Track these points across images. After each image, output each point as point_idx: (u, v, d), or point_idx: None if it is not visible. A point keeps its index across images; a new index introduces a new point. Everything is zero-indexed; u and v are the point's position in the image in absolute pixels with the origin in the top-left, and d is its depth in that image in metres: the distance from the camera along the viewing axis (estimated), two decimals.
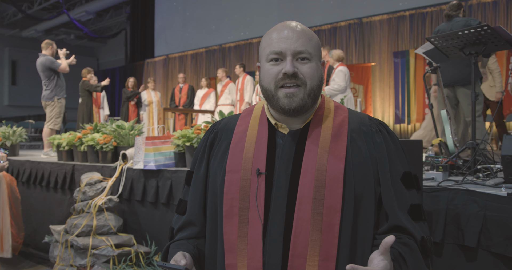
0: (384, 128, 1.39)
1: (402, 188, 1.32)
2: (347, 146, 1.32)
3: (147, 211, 3.83)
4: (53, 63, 6.32)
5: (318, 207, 1.24)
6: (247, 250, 1.27)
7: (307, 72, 1.30)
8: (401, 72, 10.04)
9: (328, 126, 1.35)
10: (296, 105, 1.29)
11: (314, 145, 1.32)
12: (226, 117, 1.55)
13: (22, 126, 6.62)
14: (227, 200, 1.33)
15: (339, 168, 1.27)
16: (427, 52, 3.33)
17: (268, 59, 1.32)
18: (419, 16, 9.93)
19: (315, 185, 1.26)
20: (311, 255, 1.22)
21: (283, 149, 1.34)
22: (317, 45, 1.35)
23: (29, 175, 5.04)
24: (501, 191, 2.24)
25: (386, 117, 10.30)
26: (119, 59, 21.31)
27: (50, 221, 4.62)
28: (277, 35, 1.32)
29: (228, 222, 1.31)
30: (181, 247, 1.37)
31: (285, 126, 1.37)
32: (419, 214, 1.31)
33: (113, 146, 4.43)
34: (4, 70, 21.36)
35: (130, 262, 3.60)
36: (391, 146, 1.36)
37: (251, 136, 1.39)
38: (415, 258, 1.23)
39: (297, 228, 1.24)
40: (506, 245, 2.05)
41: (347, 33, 11.03)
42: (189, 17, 15.13)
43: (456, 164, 2.98)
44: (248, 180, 1.32)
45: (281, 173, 1.30)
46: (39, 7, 17.62)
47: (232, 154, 1.38)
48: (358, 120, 1.39)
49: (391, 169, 1.32)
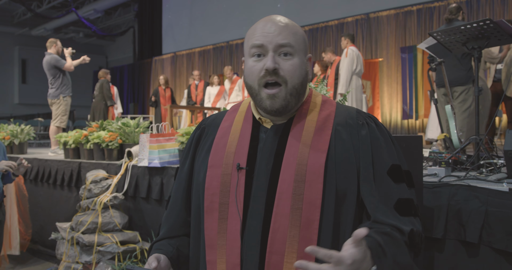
0: (373, 121, 1.35)
1: (389, 182, 1.26)
2: (330, 140, 1.28)
3: (152, 208, 3.84)
4: (58, 62, 6.36)
5: (297, 203, 1.21)
6: (226, 246, 1.25)
7: (288, 70, 1.26)
8: (409, 68, 9.99)
9: (312, 120, 1.32)
10: (279, 106, 1.27)
11: (296, 139, 1.29)
12: (215, 113, 1.53)
13: (30, 124, 6.66)
14: (208, 196, 1.31)
15: (320, 163, 1.24)
16: (430, 47, 3.30)
17: (251, 54, 1.30)
18: (427, 11, 9.86)
19: (295, 180, 1.23)
20: (289, 252, 1.19)
21: (265, 143, 1.32)
22: (301, 40, 1.32)
23: (37, 172, 5.09)
24: (503, 186, 2.22)
25: (394, 112, 10.25)
26: (127, 57, 21.41)
27: (57, 218, 4.66)
28: (260, 28, 1.29)
29: (209, 218, 1.29)
30: (161, 248, 1.36)
31: (269, 121, 1.35)
32: (407, 209, 1.25)
33: (119, 144, 4.45)
34: (14, 69, 21.56)
35: (135, 259, 3.62)
36: (379, 138, 1.31)
37: (235, 131, 1.37)
38: (398, 248, 1.15)
39: (276, 224, 1.21)
40: (508, 241, 2.03)
41: (354, 28, 10.98)
42: (197, 14, 15.15)
43: (460, 160, 2.96)
44: (229, 175, 1.29)
45: (261, 168, 1.28)
46: (48, 5, 17.74)
47: (215, 149, 1.37)
48: (346, 113, 1.35)
49: (376, 162, 1.27)
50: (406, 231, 1.19)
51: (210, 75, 10.44)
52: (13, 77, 21.59)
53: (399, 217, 1.22)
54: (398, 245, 1.16)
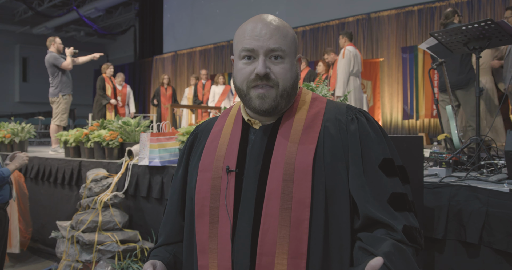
0: (363, 115, 1.31)
1: (381, 176, 1.23)
2: (319, 137, 1.26)
3: (152, 207, 3.85)
4: (56, 60, 6.36)
5: (286, 202, 1.19)
6: (217, 250, 1.23)
7: (279, 73, 1.25)
8: (410, 68, 9.98)
9: (300, 118, 1.30)
10: (268, 106, 1.25)
11: (284, 138, 1.27)
12: (208, 118, 1.53)
13: (31, 123, 6.67)
14: (199, 200, 1.30)
15: (307, 161, 1.21)
16: (431, 48, 3.30)
17: (241, 56, 1.28)
18: (428, 11, 9.85)
19: (284, 179, 1.21)
20: (280, 253, 1.17)
21: (253, 144, 1.30)
22: (292, 42, 1.30)
23: (37, 171, 5.09)
24: (503, 187, 2.22)
25: (395, 112, 10.24)
26: (128, 56, 21.42)
27: (57, 217, 4.66)
28: (250, 30, 1.26)
29: (200, 222, 1.29)
30: (158, 254, 1.36)
31: (258, 122, 1.34)
32: (402, 204, 1.22)
33: (119, 143, 4.45)
34: (15, 67, 21.58)
35: (135, 258, 3.62)
36: (369, 133, 1.27)
37: (225, 135, 1.37)
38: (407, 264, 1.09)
39: (265, 225, 1.19)
40: (508, 242, 2.03)
41: (355, 28, 10.97)
42: (197, 13, 15.15)
43: (460, 160, 2.96)
44: (219, 179, 1.28)
45: (250, 170, 1.26)
46: (49, 4, 17.75)
47: (206, 153, 1.36)
48: (335, 109, 1.33)
49: (366, 156, 1.24)
50: (399, 228, 1.16)
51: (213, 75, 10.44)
52: (14, 75, 21.61)
53: (392, 212, 1.19)
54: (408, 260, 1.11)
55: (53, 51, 6.46)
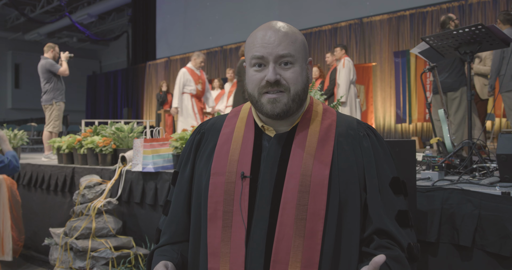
0: (372, 132, 1.38)
1: (390, 194, 1.31)
2: (333, 151, 1.31)
3: (146, 213, 3.83)
4: (52, 66, 6.34)
5: (302, 213, 1.23)
6: (230, 255, 1.25)
7: (290, 78, 1.28)
8: (402, 72, 10.04)
9: (315, 130, 1.34)
10: (280, 111, 1.28)
11: (300, 149, 1.30)
12: (214, 117, 1.53)
13: (24, 129, 6.62)
14: (211, 204, 1.31)
15: (324, 174, 1.26)
16: (423, 52, 3.32)
17: (252, 64, 1.31)
18: (420, 16, 9.93)
19: (299, 190, 1.24)
20: (293, 262, 1.20)
21: (268, 152, 1.33)
22: (301, 47, 1.32)
23: (30, 178, 5.06)
24: (495, 190, 2.23)
25: (388, 117, 10.29)
26: (121, 62, 21.42)
27: (51, 223, 4.63)
28: (259, 38, 1.29)
29: (212, 226, 1.30)
30: (165, 254, 1.36)
31: (272, 129, 1.36)
32: (406, 221, 1.31)
33: (113, 149, 4.44)
34: (7, 74, 21.50)
35: (129, 265, 3.60)
36: (379, 150, 1.35)
37: (237, 138, 1.38)
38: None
39: (280, 234, 1.23)
40: (501, 244, 2.04)
41: (347, 33, 11.03)
42: (190, 19, 15.17)
43: (453, 164, 2.98)
44: (233, 184, 1.30)
45: (265, 177, 1.29)
46: (41, 10, 17.73)
47: (218, 156, 1.37)
48: (346, 124, 1.38)
49: (378, 174, 1.31)
50: (405, 245, 1.25)
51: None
52: (6, 82, 21.52)
53: (399, 229, 1.28)
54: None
55: (49, 58, 6.43)
